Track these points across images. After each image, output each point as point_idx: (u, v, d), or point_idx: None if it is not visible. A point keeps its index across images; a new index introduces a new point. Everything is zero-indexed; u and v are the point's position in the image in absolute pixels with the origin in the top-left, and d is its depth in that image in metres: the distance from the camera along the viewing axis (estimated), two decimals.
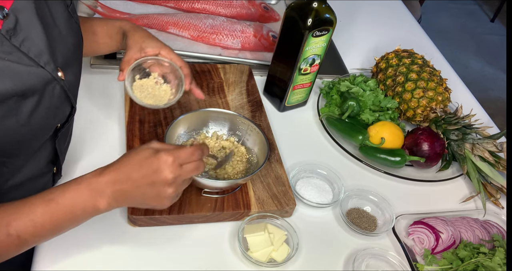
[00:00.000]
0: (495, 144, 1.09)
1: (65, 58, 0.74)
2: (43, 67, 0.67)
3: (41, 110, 0.69)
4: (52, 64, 0.69)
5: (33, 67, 0.66)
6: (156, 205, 0.73)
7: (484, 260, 0.89)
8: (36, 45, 0.66)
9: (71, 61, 0.76)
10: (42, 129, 0.74)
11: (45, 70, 0.68)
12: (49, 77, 0.69)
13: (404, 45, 1.31)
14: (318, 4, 1.02)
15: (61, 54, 0.73)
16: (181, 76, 0.93)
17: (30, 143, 0.74)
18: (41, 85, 0.68)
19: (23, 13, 0.65)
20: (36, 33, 0.67)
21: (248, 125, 1.00)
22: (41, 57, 0.67)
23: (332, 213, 1.00)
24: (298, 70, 1.10)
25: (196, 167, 0.73)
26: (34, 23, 0.67)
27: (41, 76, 0.67)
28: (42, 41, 0.67)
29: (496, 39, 3.71)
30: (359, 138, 1.10)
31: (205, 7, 1.39)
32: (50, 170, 0.86)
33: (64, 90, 0.73)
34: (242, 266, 0.86)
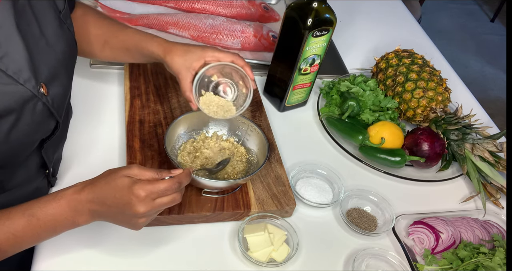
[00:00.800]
0: (495, 144, 1.09)
1: (52, 70, 0.71)
2: (22, 84, 0.64)
3: (20, 127, 0.67)
4: (33, 81, 0.66)
5: (12, 85, 0.63)
6: (130, 228, 0.75)
7: (484, 260, 0.89)
8: (16, 62, 0.63)
9: (59, 72, 0.74)
10: (23, 145, 0.72)
11: (25, 87, 0.65)
12: (30, 95, 0.66)
13: (404, 45, 1.31)
14: (318, 4, 1.02)
15: (47, 66, 0.70)
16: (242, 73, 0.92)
17: (13, 157, 0.73)
18: (19, 103, 0.65)
19: (2, 28, 0.62)
20: (15, 49, 0.64)
21: (248, 125, 1.00)
22: (20, 74, 0.64)
23: (332, 213, 1.00)
24: (298, 70, 1.10)
25: (170, 200, 0.73)
26: (14, 38, 0.63)
27: (21, 94, 0.65)
28: (22, 57, 0.64)
29: (496, 39, 3.71)
30: (359, 138, 1.10)
31: (205, 7, 1.39)
32: (42, 174, 0.85)
33: (47, 106, 0.70)
34: (242, 266, 0.86)
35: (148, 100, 1.08)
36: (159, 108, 1.07)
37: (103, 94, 1.12)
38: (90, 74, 1.16)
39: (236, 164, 0.98)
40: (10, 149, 0.69)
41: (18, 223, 0.68)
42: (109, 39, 0.95)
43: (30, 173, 0.81)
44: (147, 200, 0.69)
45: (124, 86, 1.11)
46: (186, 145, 0.98)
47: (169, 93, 1.11)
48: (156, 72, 1.16)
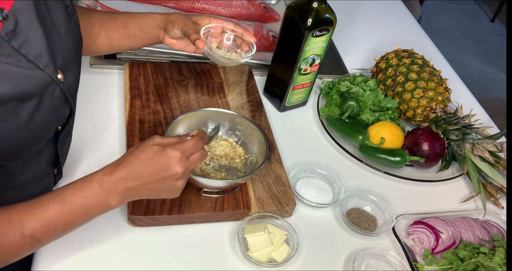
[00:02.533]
0: (495, 144, 1.09)
1: (65, 60, 0.73)
2: (42, 69, 0.66)
3: (41, 113, 0.69)
4: (52, 67, 0.68)
5: (33, 70, 0.65)
6: (167, 196, 0.77)
7: (484, 260, 0.89)
8: (36, 48, 0.66)
9: (70, 63, 0.76)
10: (42, 132, 0.74)
11: (45, 72, 0.67)
12: (49, 80, 0.68)
13: (404, 45, 1.31)
14: (318, 4, 1.02)
15: (61, 56, 0.72)
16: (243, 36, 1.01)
17: (30, 146, 0.74)
18: (40, 88, 0.67)
19: (23, 14, 0.64)
20: (36, 35, 0.66)
21: (247, 125, 1.00)
22: (40, 59, 0.66)
23: (332, 213, 1.00)
24: (298, 70, 1.10)
25: (201, 156, 0.77)
26: (34, 25, 0.66)
27: (41, 79, 0.67)
28: (42, 44, 0.67)
29: (496, 39, 3.71)
30: (359, 138, 1.10)
31: (205, 7, 1.39)
32: (51, 172, 0.86)
33: (64, 92, 0.72)
34: (242, 266, 0.86)
35: (148, 100, 1.08)
36: (159, 108, 1.07)
37: (103, 94, 1.12)
38: (90, 74, 1.16)
39: (235, 163, 0.98)
40: (29, 134, 0.70)
41: (51, 209, 0.68)
42: (105, 23, 0.98)
43: (41, 168, 0.82)
44: (182, 159, 0.73)
45: (124, 86, 1.11)
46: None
47: (169, 93, 1.11)
48: (156, 73, 1.16)
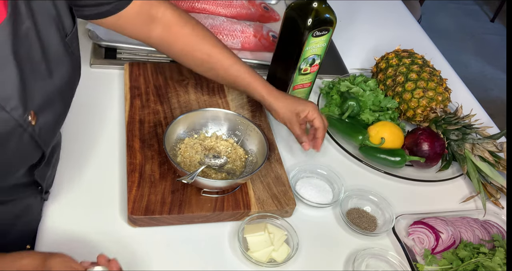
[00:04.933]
0: (495, 144, 1.09)
1: (47, 98, 0.69)
2: (8, 112, 0.62)
3: (3, 156, 0.65)
4: (21, 110, 0.63)
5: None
6: None
7: (484, 260, 0.89)
8: (5, 89, 0.61)
9: (54, 99, 0.71)
10: (7, 171, 0.71)
11: (10, 115, 0.62)
12: (13, 123, 0.63)
13: (404, 45, 1.30)
14: (318, 4, 1.02)
15: (42, 94, 0.67)
16: None
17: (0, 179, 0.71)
18: (5, 130, 0.63)
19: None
20: (7, 76, 0.61)
21: (247, 125, 1.00)
22: (8, 101, 0.61)
23: (332, 213, 1.00)
24: (298, 70, 1.10)
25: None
26: (8, 63, 0.61)
27: (5, 121, 0.62)
28: (13, 85, 0.62)
29: (496, 39, 3.71)
30: (359, 138, 1.10)
31: (205, 7, 1.39)
32: (33, 193, 0.84)
33: (32, 136, 0.67)
34: (242, 266, 0.86)
35: (148, 100, 1.08)
36: (159, 108, 1.07)
37: (103, 94, 1.12)
38: (90, 74, 1.16)
39: (235, 163, 0.98)
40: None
41: None
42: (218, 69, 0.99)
43: (20, 191, 0.80)
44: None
45: (124, 86, 1.11)
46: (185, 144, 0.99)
47: (169, 93, 1.11)
48: (156, 73, 1.16)
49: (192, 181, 0.86)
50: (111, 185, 0.94)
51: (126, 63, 1.16)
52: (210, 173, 0.95)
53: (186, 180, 0.86)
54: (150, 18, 0.92)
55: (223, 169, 0.97)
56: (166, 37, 0.95)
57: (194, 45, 0.97)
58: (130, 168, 0.93)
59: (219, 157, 0.98)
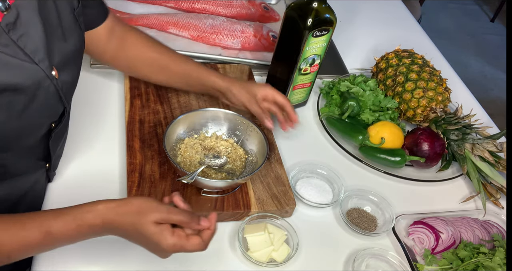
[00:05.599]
0: (495, 144, 1.09)
1: (64, 59, 0.74)
2: (37, 63, 0.68)
3: (33, 106, 0.70)
4: (47, 62, 0.69)
5: (27, 62, 0.67)
6: None
7: (484, 260, 0.89)
8: (33, 42, 0.67)
9: (69, 63, 0.77)
10: (33, 126, 0.75)
11: (39, 67, 0.68)
12: (42, 75, 0.69)
13: (404, 45, 1.31)
14: (318, 4, 1.02)
15: (60, 54, 0.73)
16: None
17: (21, 139, 0.75)
18: (34, 81, 0.68)
19: (25, 9, 0.66)
20: (35, 31, 0.67)
21: (247, 125, 1.00)
22: (36, 54, 0.67)
23: (332, 213, 1.00)
24: (298, 70, 1.10)
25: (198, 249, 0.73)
26: (35, 20, 0.67)
27: (35, 72, 0.68)
28: (40, 39, 0.68)
29: (496, 39, 3.71)
30: (359, 138, 1.10)
31: (205, 7, 1.39)
32: (42, 166, 0.87)
33: (57, 89, 0.73)
34: (242, 266, 0.86)
35: (148, 100, 1.08)
36: (159, 108, 1.07)
37: (103, 94, 1.12)
38: (90, 74, 1.16)
39: (235, 163, 0.98)
40: (20, 128, 0.71)
41: (34, 237, 0.67)
42: (169, 64, 1.01)
43: (33, 162, 0.83)
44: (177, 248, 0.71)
45: (124, 86, 1.11)
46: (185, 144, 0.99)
47: (169, 93, 1.11)
48: None
49: (192, 181, 0.86)
50: (111, 185, 0.94)
51: None
52: (210, 173, 0.95)
53: (186, 180, 0.86)
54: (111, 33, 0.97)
55: (223, 169, 0.97)
56: (120, 47, 0.99)
57: (146, 47, 1.01)
58: (130, 168, 0.93)
59: (219, 157, 0.98)
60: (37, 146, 0.81)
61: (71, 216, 0.68)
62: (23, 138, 0.75)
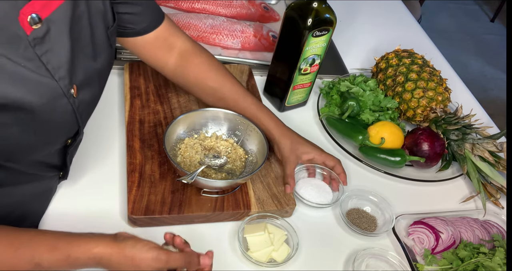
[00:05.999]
0: (495, 144, 1.09)
1: (87, 77, 0.74)
2: (56, 80, 0.67)
3: (48, 124, 0.69)
4: (67, 80, 0.69)
5: (47, 78, 0.66)
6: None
7: (484, 260, 0.89)
8: (57, 59, 0.66)
9: (92, 81, 0.76)
10: (47, 142, 0.74)
11: (58, 84, 0.67)
12: (60, 92, 0.68)
13: (404, 45, 1.31)
14: (318, 4, 1.02)
15: (84, 72, 0.73)
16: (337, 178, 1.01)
17: (33, 152, 0.74)
18: (49, 98, 0.67)
19: (57, 25, 0.66)
20: (61, 47, 0.67)
21: (247, 125, 1.00)
22: (58, 70, 0.67)
23: (332, 213, 1.00)
24: (298, 70, 1.10)
25: None
26: (64, 37, 0.67)
27: (52, 89, 0.67)
28: (65, 57, 0.68)
29: (496, 39, 3.71)
30: (359, 138, 1.10)
31: (205, 7, 1.39)
32: (56, 174, 0.87)
33: (73, 108, 0.72)
34: (242, 266, 0.86)
35: (148, 100, 1.08)
36: (159, 108, 1.07)
37: (103, 94, 1.12)
38: None
39: (235, 163, 0.98)
40: (35, 143, 0.71)
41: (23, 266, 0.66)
42: (227, 99, 1.01)
43: (46, 171, 0.83)
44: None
45: (124, 86, 1.11)
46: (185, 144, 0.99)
47: (169, 93, 1.11)
48: (156, 73, 1.15)
49: (192, 181, 0.86)
50: (111, 185, 0.94)
51: (126, 63, 1.16)
52: (210, 173, 0.95)
53: (186, 180, 0.86)
54: (170, 45, 0.98)
55: (223, 169, 0.97)
56: (181, 64, 0.99)
57: (208, 73, 1.00)
58: (130, 168, 0.93)
59: (219, 157, 0.98)
60: (52, 157, 0.80)
61: (64, 254, 0.67)
62: (36, 152, 0.75)
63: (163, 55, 0.98)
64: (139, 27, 0.92)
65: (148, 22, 0.92)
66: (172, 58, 0.99)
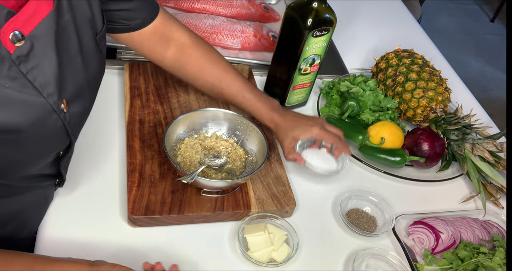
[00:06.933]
0: (495, 144, 1.09)
1: (77, 90, 0.71)
2: (45, 98, 0.64)
3: (38, 141, 0.67)
4: (56, 96, 0.66)
5: (35, 96, 0.63)
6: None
7: (484, 260, 0.89)
8: (44, 75, 0.63)
9: (83, 93, 0.74)
10: (38, 157, 0.73)
11: (46, 101, 0.64)
12: (49, 109, 0.65)
13: (404, 45, 1.31)
14: (318, 4, 1.02)
15: (74, 84, 0.70)
16: None
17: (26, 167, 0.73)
18: (38, 117, 0.65)
19: (41, 40, 0.62)
20: (48, 63, 0.64)
21: (247, 125, 1.00)
22: (45, 87, 0.64)
23: (332, 213, 1.00)
24: (298, 70, 1.10)
25: None
26: (49, 51, 0.64)
27: (41, 106, 0.64)
28: (52, 72, 0.65)
29: (496, 39, 3.71)
30: (359, 138, 1.10)
31: (205, 7, 1.39)
32: (52, 183, 0.86)
33: (64, 123, 0.70)
34: (242, 266, 0.86)
35: (148, 100, 1.08)
36: (159, 108, 1.07)
37: (103, 94, 1.12)
38: None
39: (235, 163, 0.98)
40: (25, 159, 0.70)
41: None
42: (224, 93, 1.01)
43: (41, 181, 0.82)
44: None
45: (124, 86, 1.11)
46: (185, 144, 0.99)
47: (169, 93, 1.11)
48: (156, 72, 1.16)
49: (192, 181, 0.86)
50: (111, 185, 0.94)
51: (126, 63, 1.16)
52: (210, 173, 0.95)
53: (186, 180, 0.86)
54: (167, 39, 0.97)
55: (223, 169, 0.97)
56: (179, 59, 0.99)
57: (206, 68, 1.00)
58: (130, 168, 0.93)
59: (219, 157, 0.98)
60: (45, 170, 0.79)
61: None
62: (27, 168, 0.73)
63: (161, 49, 0.97)
64: (134, 23, 0.90)
65: (142, 17, 0.91)
66: (170, 52, 0.98)
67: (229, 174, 0.96)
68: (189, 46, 0.99)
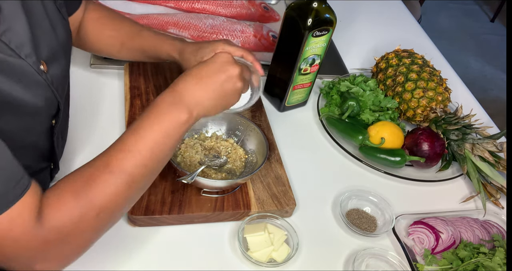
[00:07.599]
0: (495, 144, 1.09)
1: (52, 52, 0.73)
2: (23, 59, 0.65)
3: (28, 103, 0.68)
4: (34, 57, 0.67)
5: (13, 57, 0.64)
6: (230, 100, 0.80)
7: (484, 260, 0.89)
8: (18, 37, 0.65)
9: (58, 55, 0.75)
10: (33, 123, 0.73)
11: (26, 62, 0.66)
12: (30, 70, 0.67)
13: (404, 45, 1.31)
14: (318, 4, 1.02)
15: (48, 47, 0.72)
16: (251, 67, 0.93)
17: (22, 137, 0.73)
18: (22, 77, 0.66)
19: (7, 3, 0.64)
20: (19, 24, 0.65)
21: (247, 125, 1.00)
22: (22, 48, 0.65)
23: (332, 213, 1.00)
24: (298, 70, 1.10)
25: None
26: (18, 14, 0.65)
27: (22, 68, 0.65)
28: (25, 33, 0.66)
29: (496, 39, 3.71)
30: (359, 138, 1.10)
31: (205, 7, 1.39)
32: (47, 166, 0.86)
33: (47, 83, 0.71)
34: (242, 266, 0.86)
35: (148, 100, 1.08)
36: None
37: (103, 94, 1.12)
38: (90, 74, 1.16)
39: (235, 163, 0.98)
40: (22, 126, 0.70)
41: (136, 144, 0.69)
42: (125, 41, 1.01)
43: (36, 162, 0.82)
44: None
45: (124, 86, 1.11)
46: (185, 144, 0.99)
47: None
48: (156, 73, 1.16)
49: (192, 181, 0.86)
50: None
51: (126, 63, 1.16)
52: (210, 173, 0.95)
53: (186, 180, 0.86)
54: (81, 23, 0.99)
55: (223, 169, 0.97)
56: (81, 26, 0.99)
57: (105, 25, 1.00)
58: None
59: (219, 157, 0.98)
60: (40, 144, 0.79)
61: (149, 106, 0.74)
62: (25, 136, 0.74)
63: None
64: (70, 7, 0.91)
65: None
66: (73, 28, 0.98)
67: (229, 174, 0.96)
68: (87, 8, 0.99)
